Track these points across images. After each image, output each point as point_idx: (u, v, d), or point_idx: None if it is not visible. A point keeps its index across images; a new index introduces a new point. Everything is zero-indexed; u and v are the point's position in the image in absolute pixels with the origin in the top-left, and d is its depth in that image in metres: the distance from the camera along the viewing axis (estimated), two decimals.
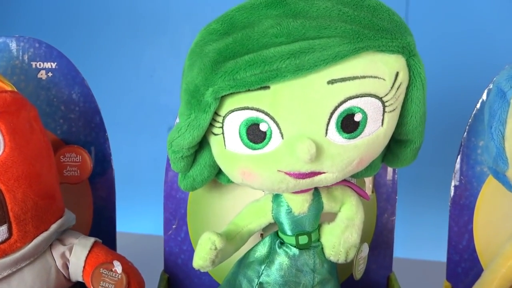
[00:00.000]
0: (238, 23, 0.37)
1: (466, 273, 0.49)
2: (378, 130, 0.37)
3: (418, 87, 0.38)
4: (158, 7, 0.81)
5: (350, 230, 0.43)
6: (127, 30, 0.81)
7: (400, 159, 0.43)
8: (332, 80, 0.35)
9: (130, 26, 0.81)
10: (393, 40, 0.35)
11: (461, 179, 0.49)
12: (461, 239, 0.49)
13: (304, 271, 0.42)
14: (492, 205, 0.48)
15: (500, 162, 0.40)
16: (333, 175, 0.38)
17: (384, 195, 0.50)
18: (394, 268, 0.52)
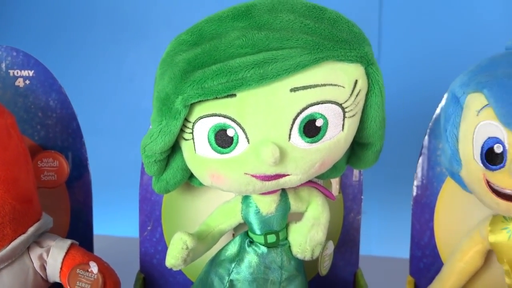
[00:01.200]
0: (207, 34, 0.39)
1: (428, 268, 0.52)
2: (339, 134, 0.40)
3: (376, 94, 0.40)
4: (139, 12, 0.82)
5: (316, 228, 0.45)
6: (108, 35, 0.82)
7: (363, 161, 0.45)
8: (294, 88, 0.37)
9: (111, 31, 0.82)
10: (351, 50, 0.38)
11: (422, 179, 0.52)
12: (423, 236, 0.52)
13: (272, 268, 0.44)
14: (451, 203, 0.51)
15: (454, 163, 0.43)
16: (297, 177, 0.40)
17: (350, 195, 0.53)
18: (361, 265, 0.55)
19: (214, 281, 0.45)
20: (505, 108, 0.37)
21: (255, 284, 0.44)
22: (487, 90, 0.39)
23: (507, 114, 0.37)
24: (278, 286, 0.45)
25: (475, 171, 0.41)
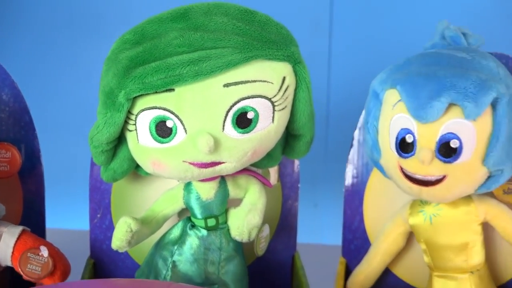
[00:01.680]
0: (148, 34, 0.43)
1: (358, 250, 0.57)
2: (269, 126, 0.44)
3: (303, 90, 0.45)
4: (96, 9, 0.84)
5: (253, 213, 0.49)
6: (64, 31, 0.84)
7: (296, 151, 0.50)
8: (227, 84, 0.41)
9: (67, 27, 0.84)
10: (278, 50, 0.42)
11: (352, 169, 0.56)
12: (354, 220, 0.57)
13: (211, 249, 0.48)
14: (378, 190, 0.56)
15: (375, 152, 0.48)
16: (231, 165, 0.44)
17: (288, 184, 0.57)
18: (310, 252, 0.59)
19: (158, 263, 0.49)
20: (414, 102, 0.42)
21: (196, 264, 0.48)
22: (400, 86, 0.43)
23: (416, 108, 0.42)
24: (217, 265, 0.49)
25: (391, 159, 0.46)
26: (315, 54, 0.97)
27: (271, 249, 0.58)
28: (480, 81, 0.41)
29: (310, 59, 1.03)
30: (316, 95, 0.99)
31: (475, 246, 0.48)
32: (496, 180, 0.44)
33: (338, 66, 0.93)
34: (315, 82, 1.06)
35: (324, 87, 0.94)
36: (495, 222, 0.48)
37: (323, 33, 0.96)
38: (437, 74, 0.42)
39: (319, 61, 0.96)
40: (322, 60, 0.96)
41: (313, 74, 1.04)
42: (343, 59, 0.91)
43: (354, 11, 0.90)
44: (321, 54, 0.96)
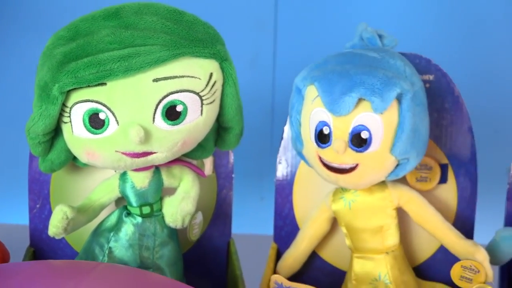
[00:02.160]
0: (82, 31, 0.45)
1: (288, 236, 0.60)
2: (198, 118, 0.47)
3: (230, 85, 0.48)
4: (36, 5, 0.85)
5: (186, 201, 0.52)
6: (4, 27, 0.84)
7: (227, 143, 0.53)
8: (156, 79, 0.44)
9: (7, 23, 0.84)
10: (205, 48, 0.46)
11: (283, 160, 0.60)
12: (284, 208, 0.61)
13: (146, 235, 0.51)
14: (306, 179, 0.60)
15: (298, 144, 0.52)
16: (162, 155, 0.47)
17: (223, 174, 0.61)
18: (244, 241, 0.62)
19: (95, 249, 0.51)
20: (329, 97, 0.46)
21: (131, 249, 0.51)
22: (317, 82, 0.48)
23: (330, 102, 0.46)
24: (152, 250, 0.51)
25: (311, 149, 0.50)
26: (260, 53, 1.00)
27: (207, 236, 0.61)
28: (386, 78, 0.45)
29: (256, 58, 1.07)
30: (262, 93, 1.03)
31: (390, 229, 0.53)
32: (404, 167, 0.49)
33: (283, 64, 0.97)
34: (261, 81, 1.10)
35: (269, 85, 0.98)
36: (407, 207, 0.53)
37: (268, 32, 1.00)
38: (349, 72, 0.46)
39: (264, 60, 0.99)
40: (268, 59, 0.99)
41: (259, 72, 1.07)
42: (288, 57, 0.94)
43: (298, 10, 0.93)
44: (266, 53, 0.99)
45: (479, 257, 0.50)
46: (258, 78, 1.03)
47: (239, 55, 1.02)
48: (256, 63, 1.03)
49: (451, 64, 0.58)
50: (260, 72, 1.02)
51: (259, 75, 1.02)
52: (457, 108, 0.57)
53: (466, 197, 0.57)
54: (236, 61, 1.07)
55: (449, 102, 0.57)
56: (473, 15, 0.84)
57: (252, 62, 1.01)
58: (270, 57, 0.99)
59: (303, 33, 0.93)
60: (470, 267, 0.50)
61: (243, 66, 1.01)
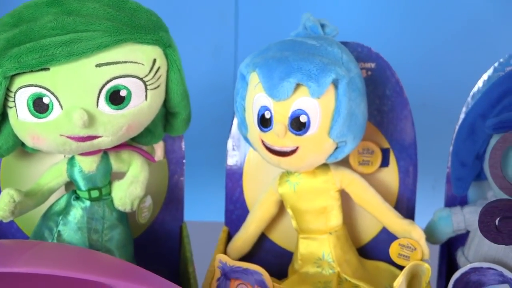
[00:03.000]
0: (25, 17, 0.46)
1: (238, 219, 0.62)
2: (142, 103, 0.48)
3: (175, 71, 0.50)
4: None
5: (134, 185, 0.53)
6: None
7: (175, 128, 0.55)
8: (99, 64, 0.45)
9: None
10: (147, 34, 0.47)
11: (233, 145, 0.62)
12: (235, 192, 0.62)
13: (95, 218, 0.52)
14: (256, 164, 0.62)
15: (243, 128, 0.54)
16: (108, 139, 0.48)
17: (174, 160, 0.62)
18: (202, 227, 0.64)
19: (44, 233, 0.52)
20: (268, 82, 0.48)
21: (79, 232, 0.52)
22: (258, 69, 0.49)
23: (270, 87, 0.48)
24: (101, 233, 0.53)
25: (255, 133, 0.52)
26: (221, 45, 1.01)
27: (159, 220, 0.63)
28: (323, 65, 0.47)
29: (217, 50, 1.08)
30: (224, 83, 1.04)
31: (333, 210, 0.55)
32: (342, 150, 0.51)
33: (244, 54, 0.97)
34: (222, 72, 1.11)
35: (231, 76, 0.99)
36: (349, 189, 0.56)
37: (229, 23, 1.01)
38: (288, 59, 0.48)
39: (225, 51, 1.01)
40: (229, 49, 1.01)
41: (221, 64, 1.08)
42: (249, 48, 0.95)
43: (259, 1, 0.95)
44: (227, 44, 1.00)
45: (415, 235, 0.53)
46: (220, 69, 1.04)
47: (201, 45, 1.04)
48: (218, 53, 1.04)
49: (391, 52, 0.61)
50: (221, 62, 1.03)
51: (220, 65, 1.03)
52: (397, 95, 0.59)
53: (407, 180, 0.60)
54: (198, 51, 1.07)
55: (390, 89, 0.59)
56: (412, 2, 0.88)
57: (214, 52, 1.03)
58: (231, 47, 1.00)
59: (264, 23, 0.94)
60: (407, 245, 0.53)
61: (205, 56, 1.02)
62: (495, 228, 0.36)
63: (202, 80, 1.01)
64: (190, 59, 1.01)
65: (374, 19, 0.88)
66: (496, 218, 0.37)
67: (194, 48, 1.00)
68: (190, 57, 1.01)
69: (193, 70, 1.00)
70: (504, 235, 0.36)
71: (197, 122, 0.96)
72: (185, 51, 1.00)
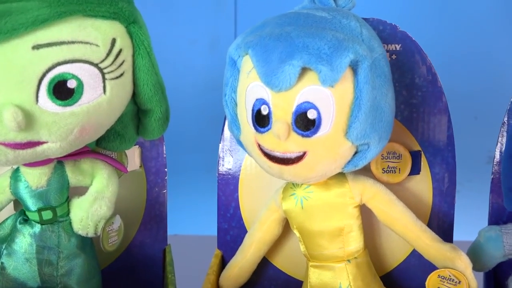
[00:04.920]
0: None
1: (234, 240, 0.51)
2: (100, 97, 0.37)
3: (143, 56, 0.38)
4: None
5: (99, 202, 0.42)
6: None
7: (149, 130, 0.43)
8: (37, 45, 0.34)
9: None
10: (101, 5, 0.35)
11: (226, 151, 0.50)
12: (229, 207, 0.51)
13: (47, 247, 0.41)
14: (253, 174, 0.50)
15: (234, 128, 0.42)
16: (55, 145, 0.37)
17: (153, 169, 0.51)
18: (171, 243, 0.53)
19: None
20: (264, 67, 0.36)
21: (27, 265, 0.41)
22: (251, 50, 0.37)
23: (266, 74, 0.36)
24: (56, 266, 0.41)
25: (249, 134, 0.40)
26: (219, 37, 0.93)
27: (137, 243, 0.52)
28: (336, 41, 0.36)
29: (215, 42, 0.99)
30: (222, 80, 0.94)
31: (352, 231, 0.43)
32: (363, 156, 0.39)
33: None
34: (221, 67, 1.02)
35: None
36: (372, 204, 0.44)
37: (229, 14, 0.93)
38: (291, 35, 0.36)
39: (224, 44, 0.92)
40: (228, 43, 0.92)
41: (219, 54, 0.99)
42: None
43: None
44: (226, 36, 0.93)
45: (460, 264, 0.41)
46: (218, 59, 0.96)
47: (197, 37, 0.95)
48: (216, 46, 0.96)
49: (421, 31, 0.49)
50: (219, 55, 0.95)
51: (219, 57, 0.95)
52: (429, 84, 0.47)
53: (443, 190, 0.48)
54: (194, 43, 0.98)
55: (420, 76, 0.47)
56: None
57: (212, 45, 0.95)
58: (231, 39, 0.92)
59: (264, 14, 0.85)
60: (449, 277, 0.41)
61: (202, 49, 0.94)
62: None
63: (197, 76, 0.94)
64: (185, 52, 0.93)
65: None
66: None
67: (189, 40, 0.92)
68: (184, 50, 0.93)
69: (188, 64, 0.92)
70: None
71: (191, 123, 0.87)
72: (179, 43, 0.92)
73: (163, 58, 0.93)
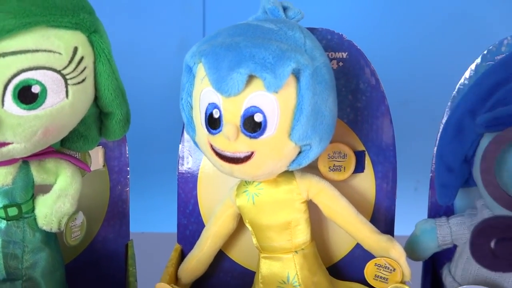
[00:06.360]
0: None
1: (193, 235, 0.54)
2: (63, 101, 0.40)
3: (103, 62, 0.41)
4: None
5: (62, 200, 0.45)
6: None
7: (111, 131, 0.46)
8: (3, 53, 0.37)
9: None
10: (63, 16, 0.38)
11: (186, 151, 0.54)
12: (188, 204, 0.54)
13: (13, 241, 0.43)
14: (211, 173, 0.53)
15: (190, 130, 0.45)
16: (20, 146, 0.39)
17: (116, 168, 0.53)
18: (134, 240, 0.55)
19: None
20: (215, 74, 0.40)
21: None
22: (204, 58, 0.41)
23: (217, 80, 0.40)
24: (21, 259, 0.44)
25: (203, 136, 0.43)
26: (188, 37, 0.94)
27: (101, 238, 0.54)
28: (280, 51, 0.39)
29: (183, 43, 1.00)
30: None
31: (299, 224, 0.47)
32: (306, 155, 0.43)
33: None
34: None
35: None
36: (317, 199, 0.48)
37: (197, 15, 0.94)
38: (239, 45, 0.40)
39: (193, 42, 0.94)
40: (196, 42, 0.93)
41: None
42: None
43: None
44: (195, 35, 0.93)
45: (394, 254, 0.45)
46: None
47: (165, 38, 0.96)
48: (184, 48, 0.97)
49: (366, 40, 0.53)
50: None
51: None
52: (373, 89, 0.51)
53: (385, 187, 0.52)
54: (162, 44, 0.99)
55: (365, 82, 0.51)
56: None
57: (180, 46, 0.96)
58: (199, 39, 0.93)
59: (232, 15, 0.87)
60: (385, 265, 0.45)
61: (170, 50, 0.95)
62: (491, 252, 0.29)
63: (165, 77, 0.94)
64: (153, 53, 0.94)
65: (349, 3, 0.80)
66: (492, 240, 0.29)
67: (158, 41, 0.93)
68: (152, 51, 0.94)
69: (157, 65, 0.93)
70: (503, 261, 0.29)
71: (155, 124, 0.89)
72: (147, 44, 0.93)
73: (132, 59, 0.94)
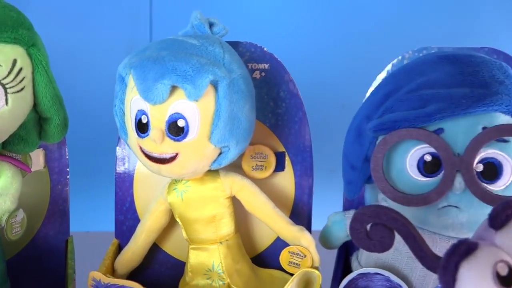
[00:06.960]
0: None
1: (130, 230, 0.58)
2: (3, 108, 0.44)
3: (41, 73, 0.46)
4: None
5: (3, 198, 0.49)
6: None
7: (50, 135, 0.50)
8: None
9: None
10: (2, 32, 0.43)
11: (122, 151, 0.58)
12: (125, 202, 0.59)
13: None
14: (146, 173, 0.58)
15: (123, 134, 0.50)
16: None
17: (56, 169, 0.57)
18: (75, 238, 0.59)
19: None
20: (142, 85, 0.45)
21: None
22: (133, 69, 0.46)
23: (144, 90, 0.45)
24: None
25: (133, 139, 0.48)
26: (136, 42, 0.96)
27: (42, 234, 0.58)
28: (199, 65, 0.45)
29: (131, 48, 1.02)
30: None
31: (223, 218, 0.53)
32: (225, 156, 0.49)
33: None
34: None
35: None
36: (240, 195, 0.53)
37: (144, 20, 0.96)
38: (164, 59, 0.45)
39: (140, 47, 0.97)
40: None
41: None
42: None
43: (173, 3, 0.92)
44: (142, 40, 0.96)
45: (304, 242, 0.51)
46: None
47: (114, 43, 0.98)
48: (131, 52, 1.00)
49: (285, 53, 0.59)
50: None
51: None
52: (292, 97, 0.58)
53: (303, 184, 0.58)
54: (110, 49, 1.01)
55: (285, 90, 0.58)
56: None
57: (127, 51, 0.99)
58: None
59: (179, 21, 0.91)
60: (297, 252, 0.51)
61: (118, 54, 0.98)
62: (366, 235, 0.35)
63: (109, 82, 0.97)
64: (101, 57, 0.96)
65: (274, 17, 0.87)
66: (367, 225, 0.35)
67: (106, 45, 0.95)
68: (101, 55, 0.96)
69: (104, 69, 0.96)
70: (376, 242, 0.35)
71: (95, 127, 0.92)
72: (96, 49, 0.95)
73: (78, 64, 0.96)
